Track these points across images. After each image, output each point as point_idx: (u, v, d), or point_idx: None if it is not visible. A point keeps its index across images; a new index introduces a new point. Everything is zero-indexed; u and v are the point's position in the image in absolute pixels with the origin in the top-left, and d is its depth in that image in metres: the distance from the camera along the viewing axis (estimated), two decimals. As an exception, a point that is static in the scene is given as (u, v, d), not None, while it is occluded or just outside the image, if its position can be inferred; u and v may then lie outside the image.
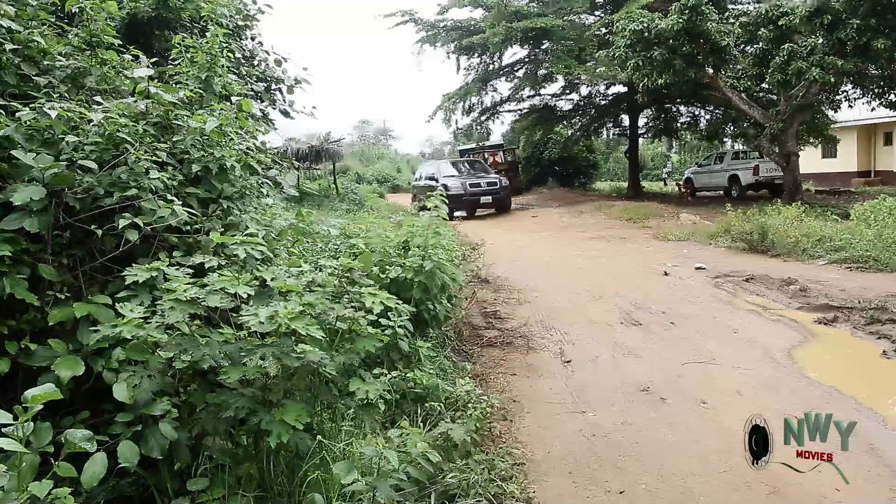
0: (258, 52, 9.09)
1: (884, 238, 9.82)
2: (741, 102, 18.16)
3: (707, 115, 26.69)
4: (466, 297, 7.42)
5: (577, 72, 23.75)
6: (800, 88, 16.47)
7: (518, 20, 23.53)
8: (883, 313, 6.74)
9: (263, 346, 2.69)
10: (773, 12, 16.37)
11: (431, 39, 27.39)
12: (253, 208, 4.28)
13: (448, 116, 28.24)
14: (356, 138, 77.08)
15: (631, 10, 19.16)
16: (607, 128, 31.98)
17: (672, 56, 16.54)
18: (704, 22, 16.06)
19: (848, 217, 12.11)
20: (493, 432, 4.05)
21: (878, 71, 16.53)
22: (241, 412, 2.64)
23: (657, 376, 5.28)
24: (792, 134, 17.72)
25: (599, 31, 24.20)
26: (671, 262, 10.55)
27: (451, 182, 20.70)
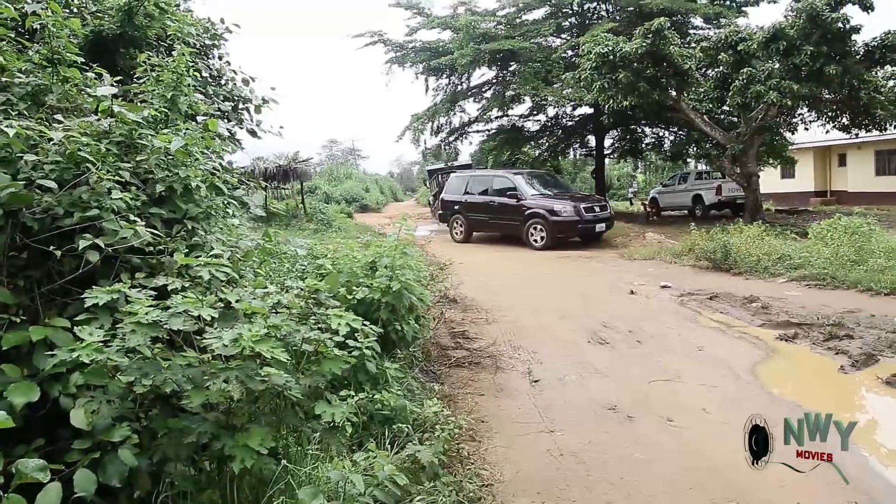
0: (225, 71, 9.03)
1: (840, 256, 10.11)
2: (703, 124, 18.61)
3: (671, 137, 27.25)
4: (435, 317, 7.40)
5: (544, 93, 24.09)
6: (759, 111, 16.94)
7: (486, 42, 23.83)
8: (840, 329, 6.92)
9: (227, 369, 2.64)
10: (732, 38, 16.90)
11: (400, 60, 27.56)
12: (219, 229, 4.23)
13: (417, 136, 28.37)
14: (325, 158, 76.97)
15: (596, 33, 19.56)
16: (574, 148, 32.40)
17: (636, 79, 16.89)
18: (667, 46, 16.46)
19: (806, 235, 12.44)
20: (462, 453, 4.03)
21: (830, 95, 17.12)
22: (204, 437, 2.59)
23: (624, 395, 5.32)
24: (752, 155, 18.19)
25: (566, 53, 24.62)
26: (637, 281, 10.69)
27: (557, 205, 16.31)
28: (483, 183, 18.83)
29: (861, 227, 10.92)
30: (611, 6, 25.93)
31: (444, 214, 20.12)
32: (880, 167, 26.61)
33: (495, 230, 18.29)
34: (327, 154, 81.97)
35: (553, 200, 16.91)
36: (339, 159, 78.87)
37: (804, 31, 15.30)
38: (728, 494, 3.68)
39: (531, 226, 16.44)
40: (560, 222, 15.99)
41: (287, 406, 3.07)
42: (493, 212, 17.81)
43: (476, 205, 18.44)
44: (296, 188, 26.11)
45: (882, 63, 16.69)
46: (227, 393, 2.58)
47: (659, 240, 16.20)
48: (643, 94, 17.11)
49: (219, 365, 2.72)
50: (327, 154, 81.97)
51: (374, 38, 27.05)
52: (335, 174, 49.88)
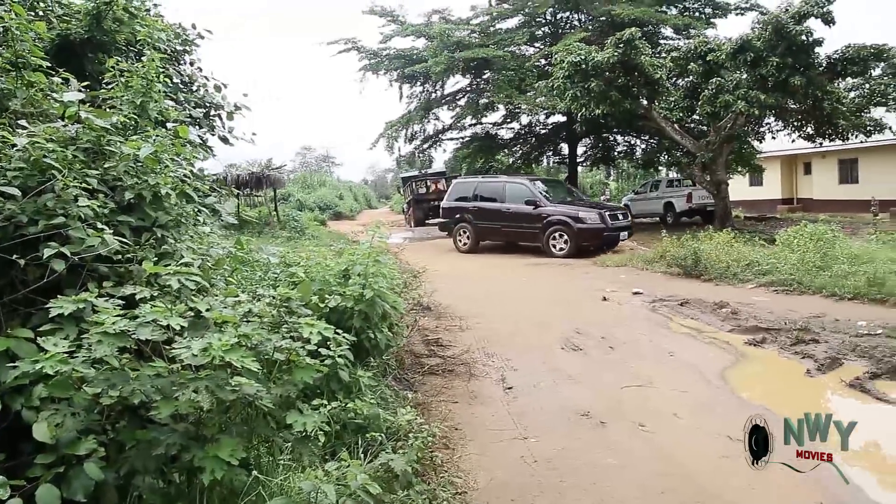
0: (197, 77, 8.93)
1: (805, 262, 10.33)
2: (674, 132, 18.91)
3: (642, 145, 27.65)
4: (408, 324, 7.38)
5: (517, 101, 24.28)
6: (727, 120, 17.27)
7: (460, 50, 23.96)
8: (806, 334, 7.06)
9: (197, 379, 2.60)
10: (701, 48, 17.23)
11: (374, 67, 27.57)
12: (189, 237, 4.18)
13: (391, 144, 28.41)
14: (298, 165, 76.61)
15: (569, 42, 19.81)
16: (547, 156, 32.69)
17: (608, 87, 17.12)
18: (638, 55, 16.72)
19: (774, 242, 12.69)
20: (435, 461, 4.02)
21: (796, 105, 17.55)
22: (173, 449, 2.54)
23: (597, 401, 5.36)
24: (721, 163, 18.53)
25: (539, 62, 24.85)
26: (610, 288, 10.79)
27: (582, 212, 15.97)
28: (494, 189, 17.88)
29: (826, 233, 11.18)
30: (583, 16, 26.27)
31: (445, 223, 18.96)
32: (843, 175, 27.26)
33: (508, 238, 17.47)
34: (301, 161, 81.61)
35: (577, 207, 16.52)
36: (312, 166, 78.58)
37: (770, 42, 15.67)
38: (698, 498, 3.72)
39: (552, 233, 15.92)
40: (585, 230, 15.53)
41: (258, 416, 3.03)
42: (506, 219, 17.02)
43: (487, 212, 17.49)
44: (269, 195, 25.91)
45: (843, 75, 17.19)
46: (197, 403, 2.54)
47: (631, 247, 16.38)
48: (615, 102, 17.35)
49: (188, 375, 2.68)
50: (301, 161, 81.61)
51: (348, 45, 27.05)
52: (309, 181, 49.67)
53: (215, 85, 8.44)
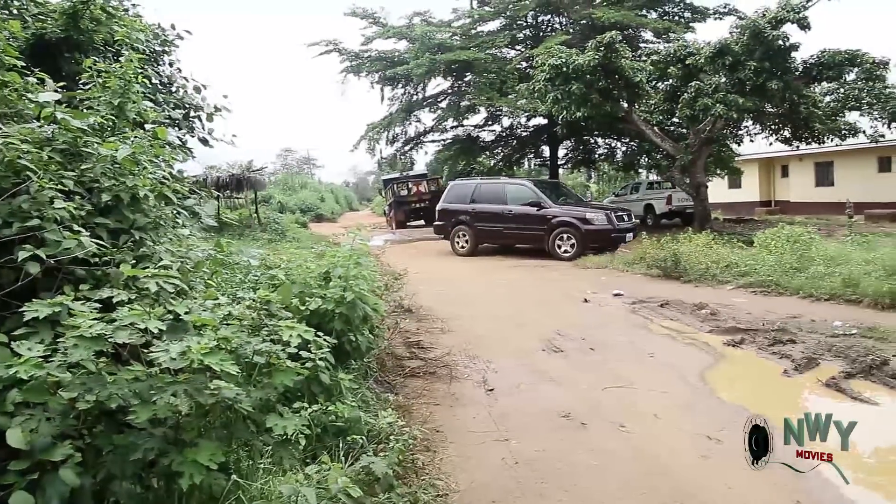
0: (176, 78, 8.88)
1: (783, 264, 10.47)
2: (654, 135, 19.09)
3: (623, 147, 27.88)
4: (389, 327, 7.37)
5: (498, 104, 24.39)
6: (706, 123, 17.47)
7: (441, 52, 24.02)
8: (784, 334, 7.15)
9: (175, 382, 2.58)
10: (680, 52, 17.42)
11: (356, 69, 27.54)
12: (168, 239, 4.14)
13: (372, 146, 28.39)
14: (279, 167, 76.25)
15: (550, 45, 19.92)
16: (529, 158, 32.85)
17: (589, 90, 17.24)
18: (619, 59, 16.86)
19: (752, 244, 12.83)
20: (417, 464, 4.01)
21: (773, 109, 17.81)
22: (152, 453, 2.51)
23: (578, 402, 5.39)
24: (701, 165, 18.74)
25: (520, 64, 24.97)
26: (591, 290, 10.86)
27: (589, 214, 15.94)
28: (495, 192, 17.59)
29: (802, 235, 11.34)
30: (564, 19, 26.45)
31: (442, 226, 18.49)
32: (820, 178, 27.71)
33: (511, 241, 17.27)
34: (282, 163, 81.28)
35: (583, 209, 16.52)
36: (293, 168, 78.26)
37: (748, 47, 15.89)
38: (677, 497, 3.75)
39: (558, 235, 15.76)
40: (593, 231, 15.41)
41: (238, 419, 3.01)
42: (509, 221, 16.78)
43: (488, 214, 17.20)
44: (249, 197, 25.72)
45: (819, 79, 17.50)
46: (175, 407, 2.52)
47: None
48: (596, 105, 17.47)
49: (167, 379, 2.65)
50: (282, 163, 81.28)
51: (330, 46, 27.01)
52: (290, 183, 49.43)
53: (195, 86, 8.38)
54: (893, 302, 8.29)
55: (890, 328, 7.16)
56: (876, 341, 6.77)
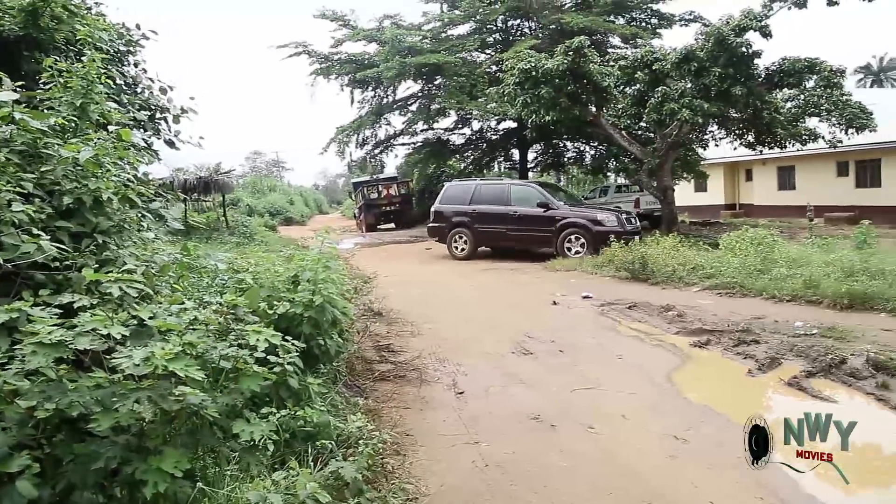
0: (142, 79, 8.71)
1: (747, 265, 10.67)
2: (622, 139, 19.32)
3: (592, 151, 28.16)
4: (359, 330, 7.33)
5: (468, 107, 24.45)
6: (673, 127, 17.74)
7: (412, 56, 24.02)
8: (748, 335, 7.30)
9: (139, 389, 2.53)
10: (647, 57, 17.67)
11: (325, 72, 27.40)
12: (132, 243, 4.07)
13: (342, 149, 28.26)
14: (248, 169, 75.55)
15: (519, 50, 20.06)
16: (498, 161, 33.03)
17: (558, 94, 17.37)
18: (587, 63, 17.02)
19: (717, 246, 13.06)
20: (386, 468, 4.00)
21: (737, 114, 18.16)
22: (114, 462, 2.46)
23: (547, 404, 5.42)
24: (668, 169, 19.02)
25: (490, 68, 25.10)
26: (560, 292, 10.94)
27: (600, 215, 15.78)
28: (497, 193, 17.17)
29: (766, 238, 11.57)
30: (534, 24, 26.66)
31: (438, 228, 17.87)
32: (782, 182, 28.35)
33: (516, 243, 16.84)
34: (251, 166, 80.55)
35: (594, 210, 16.45)
36: (262, 171, 77.60)
37: (712, 53, 16.18)
38: (645, 497, 3.80)
39: (567, 236, 15.54)
40: (604, 232, 15.02)
41: (204, 425, 2.96)
42: (513, 223, 16.44)
43: (491, 216, 16.75)
44: (217, 200, 25.38)
45: (780, 86, 17.90)
46: (139, 414, 2.47)
47: (580, 251, 16.63)
48: (564, 109, 17.61)
49: (130, 385, 2.60)
50: (251, 166, 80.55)
51: (299, 48, 26.85)
52: (259, 186, 48.93)
53: (161, 87, 8.24)
54: (852, 302, 8.52)
55: (848, 328, 7.36)
56: (835, 341, 6.95)
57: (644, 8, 25.42)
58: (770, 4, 17.39)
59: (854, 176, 24.78)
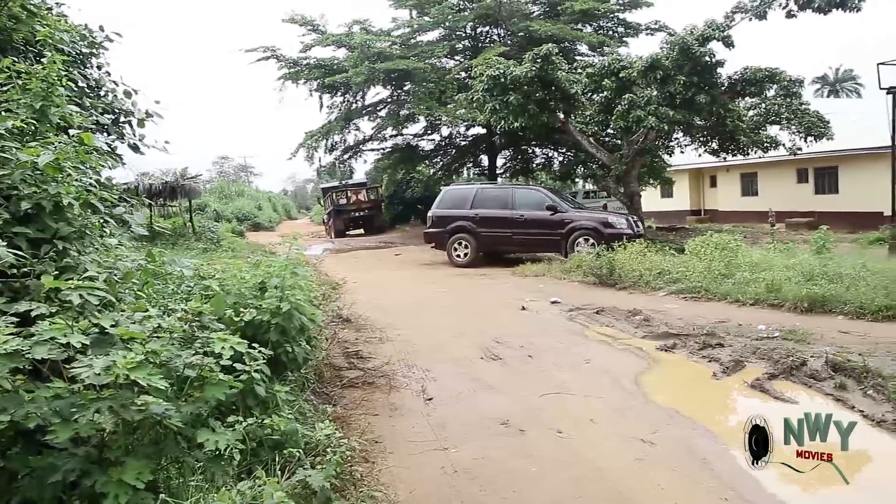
0: (105, 82, 8.53)
1: (712, 270, 10.85)
2: (589, 146, 19.54)
3: (560, 157, 28.42)
4: (327, 337, 7.27)
5: (437, 113, 24.49)
6: (639, 134, 18.01)
7: (381, 61, 23.95)
8: (713, 339, 7.42)
9: (99, 399, 2.47)
10: (614, 65, 17.89)
11: (294, 76, 27.18)
12: (94, 249, 3.98)
13: (310, 154, 28.02)
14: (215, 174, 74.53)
15: (488, 56, 20.17)
16: (468, 167, 33.09)
17: (526, 101, 17.50)
18: (555, 71, 17.19)
19: (683, 251, 13.26)
20: (355, 476, 3.97)
21: (702, 122, 18.54)
22: (72, 475, 2.40)
23: (516, 409, 5.44)
24: (634, 175, 19.29)
25: (459, 74, 25.16)
26: (529, 297, 11.00)
27: (611, 218, 15.76)
28: (501, 196, 16.94)
29: (729, 243, 11.80)
30: (502, 31, 26.84)
31: (437, 233, 17.24)
32: (745, 188, 28.96)
33: (522, 247, 16.60)
34: (218, 171, 79.49)
35: (604, 213, 16.39)
36: (230, 176, 76.68)
37: (677, 62, 16.48)
38: (613, 500, 3.84)
39: (576, 240, 15.28)
40: (615, 235, 14.80)
41: (168, 435, 2.90)
42: (520, 227, 16.13)
43: (494, 220, 16.35)
44: (184, 206, 24.98)
45: (743, 94, 18.34)
46: (99, 425, 2.41)
47: (549, 257, 16.76)
48: (533, 115, 17.75)
49: (90, 395, 2.54)
50: (218, 171, 79.49)
51: (267, 53, 26.57)
52: (226, 191, 48.36)
53: (125, 90, 8.08)
54: (811, 305, 8.73)
55: (808, 330, 7.54)
56: (796, 343, 7.11)
57: (611, 17, 25.78)
58: (732, 15, 17.85)
59: (813, 182, 25.43)
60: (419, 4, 26.31)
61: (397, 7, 27.13)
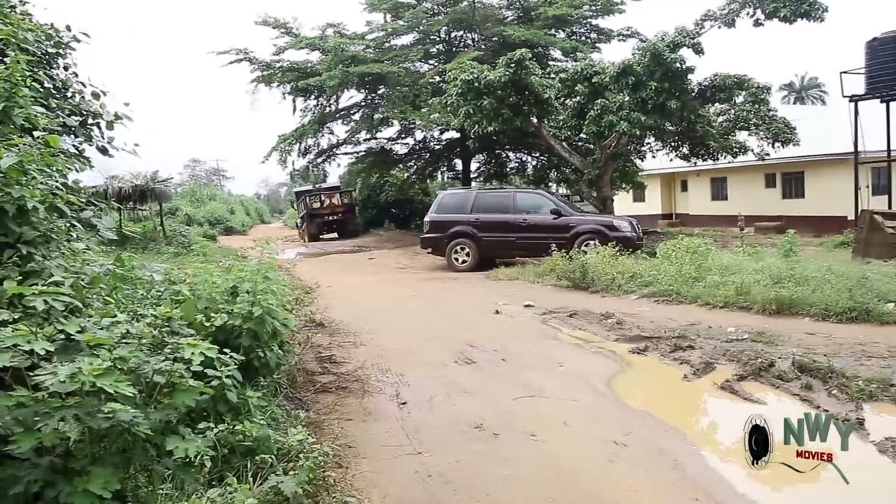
0: (72, 83, 8.37)
1: (683, 274, 11.00)
2: (562, 150, 19.71)
3: (533, 161, 28.60)
4: (300, 342, 7.21)
5: (411, 117, 24.49)
6: (612, 139, 18.22)
7: (355, 65, 23.89)
8: (684, 341, 7.52)
9: (64, 407, 2.41)
10: (587, 71, 18.12)
11: (267, 79, 26.99)
12: (60, 253, 3.90)
13: (284, 157, 27.84)
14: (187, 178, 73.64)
15: (462, 61, 20.24)
16: (442, 171, 33.15)
17: (500, 105, 17.60)
18: (528, 75, 17.31)
19: (654, 255, 13.41)
20: (328, 481, 3.93)
21: (673, 127, 18.81)
22: (35, 486, 2.34)
23: (490, 412, 5.45)
24: (607, 180, 19.50)
25: (433, 79, 25.20)
26: (502, 301, 11.03)
27: (616, 221, 15.71)
28: (501, 201, 16.59)
29: (700, 247, 11.95)
30: (476, 36, 26.95)
31: (435, 239, 16.79)
32: (715, 193, 29.43)
33: (524, 251, 16.15)
34: (190, 174, 78.60)
35: (608, 217, 16.54)
36: (202, 179, 75.89)
37: (649, 68, 16.72)
38: (586, 501, 3.86)
39: (583, 243, 14.92)
40: (621, 238, 14.65)
41: (137, 443, 2.85)
42: (524, 231, 15.83)
43: (496, 224, 16.10)
44: (154, 209, 24.60)
45: (712, 100, 18.68)
46: (64, 434, 2.35)
47: (522, 260, 16.83)
48: (506, 120, 17.85)
49: (54, 403, 2.48)
50: (190, 174, 78.60)
51: (240, 55, 26.36)
52: (198, 195, 47.76)
53: (93, 92, 7.93)
54: (779, 308, 8.89)
55: (776, 332, 7.68)
56: (764, 345, 7.24)
57: (584, 23, 26.05)
58: (702, 23, 18.18)
59: (781, 187, 25.95)
60: (393, 8, 26.32)
61: (371, 11, 27.12)
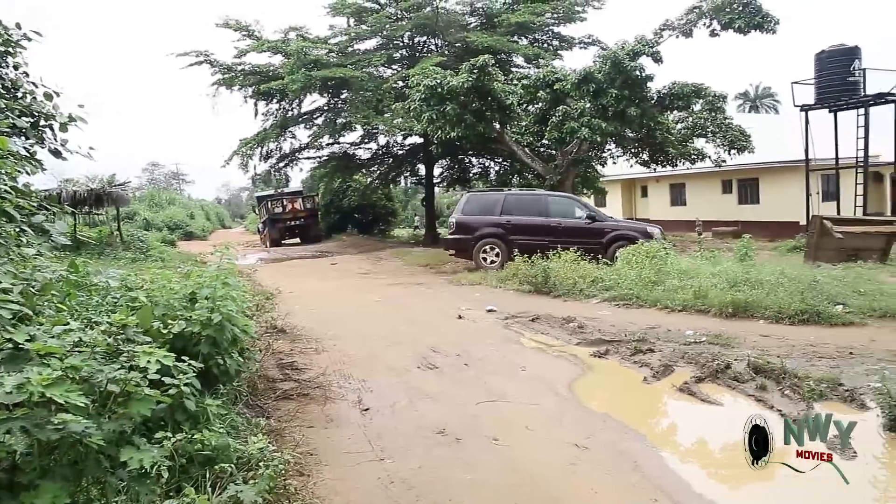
0: (23, 83, 8.13)
1: (643, 278, 11.19)
2: (525, 156, 19.90)
3: (496, 167, 28.81)
4: (261, 348, 7.11)
5: (374, 122, 24.42)
6: (573, 145, 18.45)
7: (317, 69, 23.71)
8: (644, 344, 7.64)
9: (10, 419, 2.33)
10: (549, 77, 18.34)
11: (228, 82, 26.62)
12: (9, 259, 3.78)
13: (245, 162, 27.44)
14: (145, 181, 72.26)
15: (425, 66, 20.27)
16: (405, 176, 33.12)
17: (463, 111, 17.68)
18: (491, 81, 17.44)
19: (615, 260, 13.63)
20: (289, 490, 3.88)
21: (633, 134, 19.17)
22: (-21, 501, 2.26)
23: (453, 418, 5.45)
24: (569, 185, 19.73)
25: (397, 84, 25.18)
26: (465, 306, 11.06)
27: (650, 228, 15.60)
28: (533, 204, 16.39)
29: (659, 251, 12.19)
30: (440, 41, 27.02)
31: (461, 240, 16.56)
32: (674, 198, 30.09)
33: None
34: (148, 178, 77.16)
35: (643, 224, 16.73)
36: (161, 183, 74.50)
37: (610, 76, 17.01)
38: (548, 506, 3.89)
39: (618, 248, 14.71)
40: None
41: (89, 454, 2.77)
42: (558, 234, 15.45)
43: (530, 227, 15.87)
44: (111, 214, 24.01)
45: (671, 108, 19.10)
46: (10, 447, 2.28)
47: (485, 266, 16.91)
48: (469, 125, 17.94)
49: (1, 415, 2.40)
50: (148, 178, 77.16)
51: (200, 57, 25.93)
52: (157, 199, 46.77)
53: (46, 92, 7.70)
54: (735, 311, 9.12)
55: (732, 335, 7.87)
56: (721, 347, 7.41)
57: (546, 30, 26.33)
58: (660, 32, 18.58)
59: (737, 193, 26.65)
60: (357, 13, 26.23)
61: (335, 15, 26.96)
